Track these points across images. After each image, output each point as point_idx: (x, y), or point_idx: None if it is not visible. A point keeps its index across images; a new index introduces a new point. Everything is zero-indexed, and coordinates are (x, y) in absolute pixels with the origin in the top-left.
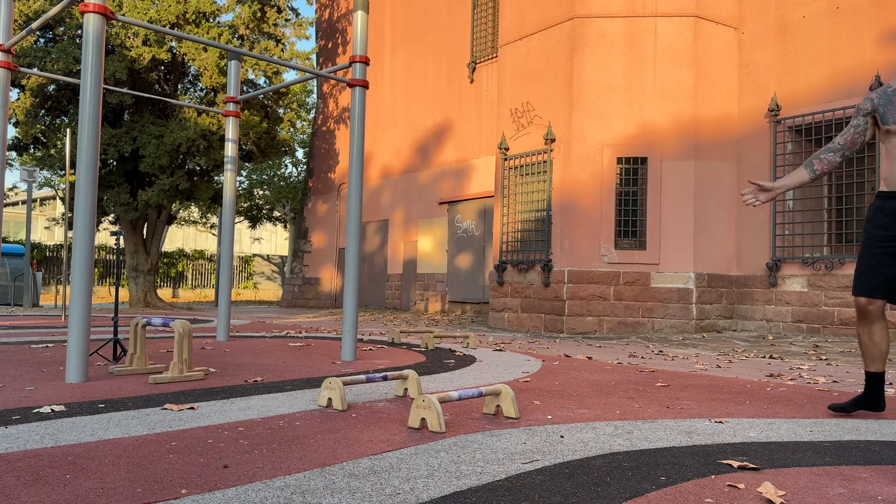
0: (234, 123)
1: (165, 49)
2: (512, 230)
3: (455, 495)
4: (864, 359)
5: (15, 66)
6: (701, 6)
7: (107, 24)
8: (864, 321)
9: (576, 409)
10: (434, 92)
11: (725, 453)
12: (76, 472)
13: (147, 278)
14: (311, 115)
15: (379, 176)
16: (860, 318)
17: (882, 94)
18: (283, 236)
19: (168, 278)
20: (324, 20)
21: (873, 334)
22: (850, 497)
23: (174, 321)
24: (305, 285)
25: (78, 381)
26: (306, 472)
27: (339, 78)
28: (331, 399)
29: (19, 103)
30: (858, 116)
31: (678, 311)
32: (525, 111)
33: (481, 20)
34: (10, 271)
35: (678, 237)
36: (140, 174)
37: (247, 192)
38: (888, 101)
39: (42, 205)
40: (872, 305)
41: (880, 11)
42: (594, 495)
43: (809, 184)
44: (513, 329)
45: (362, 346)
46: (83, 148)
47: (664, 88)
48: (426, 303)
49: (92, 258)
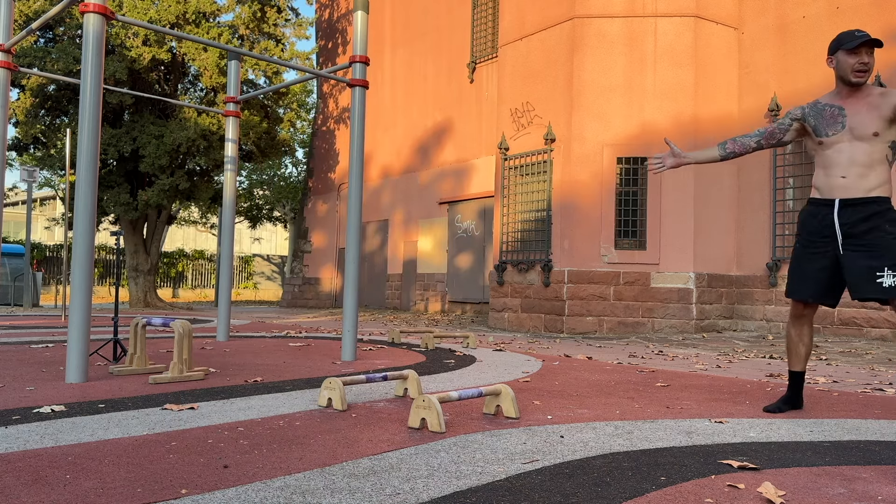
0: (234, 123)
1: (165, 49)
2: (512, 230)
3: (455, 495)
4: (791, 358)
5: (15, 66)
6: (701, 6)
7: (107, 24)
8: (798, 322)
9: (576, 409)
10: (434, 92)
11: (725, 453)
12: (76, 472)
13: (147, 278)
14: (311, 115)
15: (379, 176)
16: (795, 319)
17: (813, 107)
18: (283, 236)
19: (168, 278)
20: (324, 20)
21: (803, 335)
22: (850, 497)
23: (174, 321)
24: (305, 285)
25: (78, 381)
26: (306, 472)
27: (339, 78)
28: (331, 399)
29: (19, 103)
30: (786, 117)
31: (678, 311)
32: (525, 111)
33: (481, 20)
34: (10, 271)
35: (678, 237)
36: (140, 174)
37: (247, 192)
38: (818, 114)
39: (42, 205)
40: (808, 309)
41: (880, 11)
42: (594, 495)
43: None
44: (513, 329)
45: (362, 346)
46: (83, 148)
47: (664, 88)
48: (426, 303)
49: (92, 258)
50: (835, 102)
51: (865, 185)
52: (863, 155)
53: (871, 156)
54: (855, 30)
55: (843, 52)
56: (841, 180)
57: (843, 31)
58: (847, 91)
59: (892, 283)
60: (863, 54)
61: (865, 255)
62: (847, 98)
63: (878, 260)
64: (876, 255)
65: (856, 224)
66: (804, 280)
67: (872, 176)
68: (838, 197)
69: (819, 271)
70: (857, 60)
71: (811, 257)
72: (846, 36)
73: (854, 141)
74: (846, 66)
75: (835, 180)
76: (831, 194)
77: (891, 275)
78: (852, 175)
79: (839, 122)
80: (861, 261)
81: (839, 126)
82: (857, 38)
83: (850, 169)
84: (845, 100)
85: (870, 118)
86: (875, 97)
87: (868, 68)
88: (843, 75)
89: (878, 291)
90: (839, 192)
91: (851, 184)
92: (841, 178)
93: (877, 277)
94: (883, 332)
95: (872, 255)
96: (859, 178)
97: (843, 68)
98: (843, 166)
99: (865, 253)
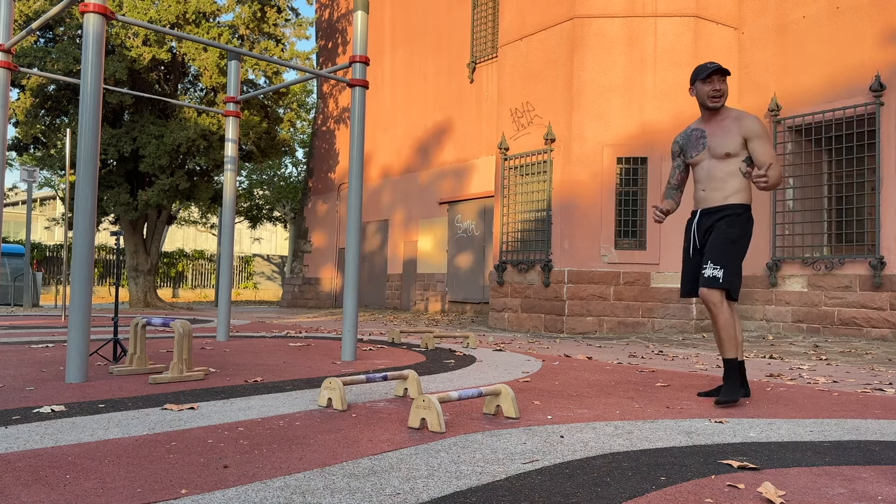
0: (234, 123)
1: (165, 49)
2: (512, 230)
3: (455, 495)
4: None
5: (15, 66)
6: (701, 6)
7: (107, 24)
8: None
9: (576, 409)
10: (434, 92)
11: (725, 453)
12: (76, 472)
13: (147, 278)
14: (311, 115)
15: (379, 176)
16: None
17: (684, 135)
18: (283, 236)
19: (168, 278)
20: (324, 20)
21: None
22: (850, 497)
23: (174, 321)
24: (305, 285)
25: (78, 381)
26: (306, 472)
27: (339, 78)
28: (331, 399)
29: (19, 103)
30: (675, 159)
31: (678, 311)
32: (525, 111)
33: (481, 20)
34: (10, 271)
35: (678, 237)
36: (140, 174)
37: (247, 192)
38: (687, 139)
39: (42, 205)
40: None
41: (880, 11)
42: (594, 495)
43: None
44: (513, 329)
45: (362, 346)
46: (83, 148)
47: (664, 88)
48: (426, 303)
49: (92, 258)
50: (699, 126)
51: (719, 196)
52: (719, 171)
53: (726, 171)
54: (708, 62)
55: (699, 83)
56: (702, 193)
57: (698, 65)
58: (708, 115)
59: (711, 275)
60: (715, 82)
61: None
62: (708, 122)
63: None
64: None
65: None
66: (683, 281)
67: (727, 188)
68: (700, 208)
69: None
70: (711, 87)
71: (686, 261)
72: (700, 68)
73: (712, 159)
74: (703, 93)
75: (699, 193)
76: (697, 206)
77: (713, 267)
78: (710, 188)
79: (701, 143)
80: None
81: (701, 146)
82: (709, 68)
83: (708, 183)
84: (707, 123)
85: (724, 140)
86: (730, 121)
87: (721, 94)
88: (702, 102)
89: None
90: (701, 203)
91: (708, 196)
92: (702, 192)
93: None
94: (883, 332)
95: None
96: (714, 191)
97: (701, 96)
98: (703, 181)
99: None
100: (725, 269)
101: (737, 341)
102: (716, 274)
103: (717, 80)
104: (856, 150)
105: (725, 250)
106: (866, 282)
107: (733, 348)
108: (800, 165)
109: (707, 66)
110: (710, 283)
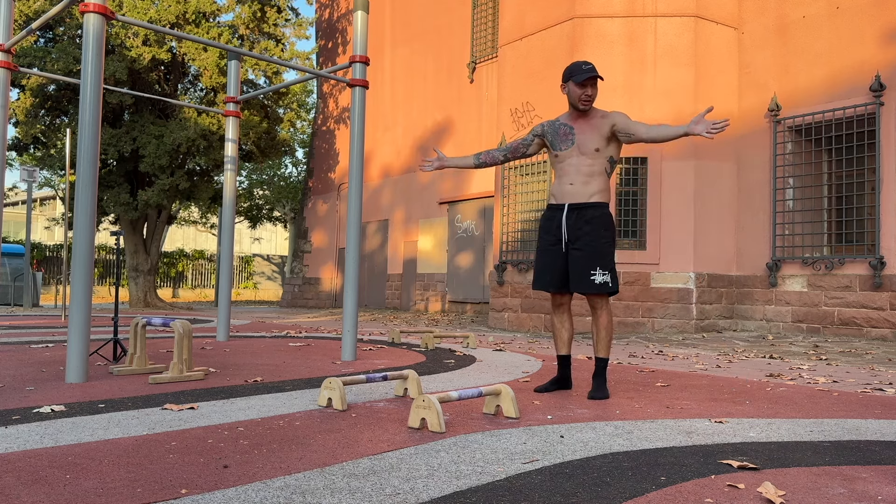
0: (234, 123)
1: (165, 49)
2: (512, 230)
3: (455, 495)
4: (557, 344)
5: (15, 66)
6: (701, 6)
7: (107, 24)
8: (559, 311)
9: (576, 409)
10: (434, 92)
11: (725, 453)
12: (76, 472)
13: (147, 278)
14: (311, 115)
15: (379, 176)
16: (555, 309)
17: (551, 125)
18: (283, 236)
19: (168, 278)
20: (324, 20)
21: (564, 322)
22: (850, 497)
23: (174, 321)
24: (305, 285)
25: (78, 381)
26: (306, 472)
27: (339, 78)
28: (331, 399)
29: (19, 103)
30: (530, 134)
31: (678, 311)
32: (525, 111)
33: (481, 20)
34: (10, 271)
35: (678, 237)
36: (140, 174)
37: (247, 192)
38: (555, 131)
39: (42, 205)
40: (563, 298)
41: (880, 11)
42: (594, 495)
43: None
44: (513, 329)
45: (362, 346)
46: (83, 148)
47: (664, 88)
48: (426, 303)
49: (92, 258)
50: (568, 122)
51: (588, 191)
52: (586, 167)
53: (593, 168)
54: (583, 62)
55: (573, 84)
56: (569, 187)
57: (574, 62)
58: (577, 114)
59: (602, 280)
60: (588, 87)
61: (584, 255)
62: (577, 120)
63: (592, 261)
64: (593, 256)
65: (580, 227)
66: (543, 274)
67: (593, 184)
68: (567, 202)
69: (554, 266)
70: (584, 92)
71: (548, 255)
72: (576, 68)
73: (580, 155)
74: (575, 95)
75: (565, 187)
76: (563, 199)
77: (602, 273)
78: (578, 183)
79: (570, 139)
80: (581, 260)
81: (570, 142)
82: (584, 72)
83: (576, 178)
84: (575, 121)
85: (592, 137)
86: (598, 119)
87: (591, 99)
88: (573, 102)
89: (591, 287)
90: (568, 197)
91: (577, 190)
92: (569, 186)
93: (591, 275)
94: (883, 332)
95: (589, 256)
96: (583, 186)
97: (572, 97)
98: (571, 175)
99: (584, 253)
100: (611, 273)
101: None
102: (606, 280)
103: (590, 86)
104: (856, 150)
105: (607, 253)
106: (866, 282)
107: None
108: (800, 165)
109: (583, 68)
110: (602, 289)
